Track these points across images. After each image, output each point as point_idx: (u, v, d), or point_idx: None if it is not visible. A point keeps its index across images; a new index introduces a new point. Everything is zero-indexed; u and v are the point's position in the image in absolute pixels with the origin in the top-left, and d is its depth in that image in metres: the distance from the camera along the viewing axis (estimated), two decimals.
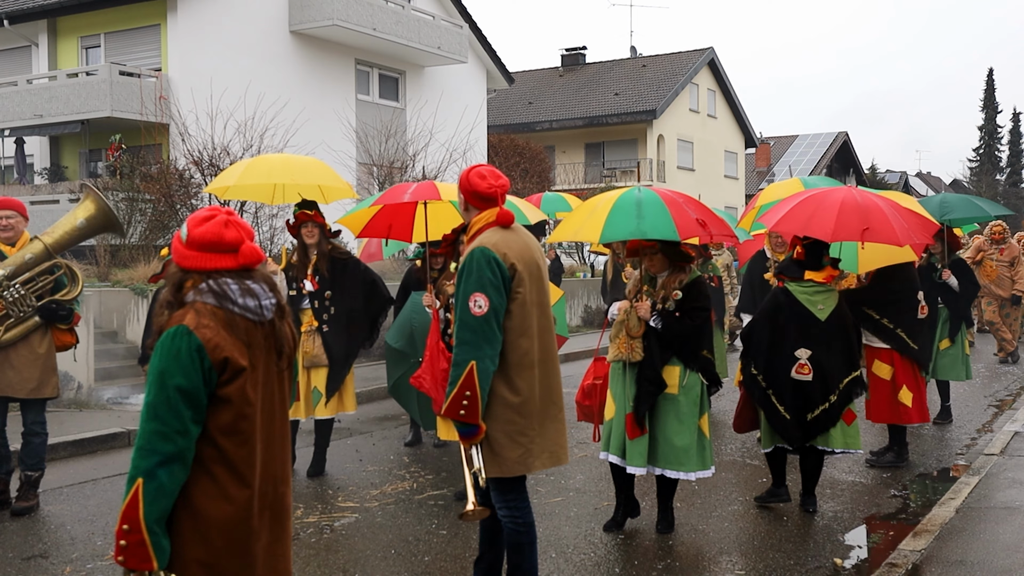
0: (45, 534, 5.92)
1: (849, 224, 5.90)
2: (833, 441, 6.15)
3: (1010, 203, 55.98)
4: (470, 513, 4.07)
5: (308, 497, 6.70)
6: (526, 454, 4.07)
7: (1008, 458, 7.48)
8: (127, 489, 2.65)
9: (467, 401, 3.93)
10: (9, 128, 20.90)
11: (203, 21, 20.51)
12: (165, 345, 2.72)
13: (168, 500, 2.67)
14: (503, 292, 3.99)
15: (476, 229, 4.18)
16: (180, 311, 2.79)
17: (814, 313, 6.09)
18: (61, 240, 6.24)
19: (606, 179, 36.91)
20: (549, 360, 4.18)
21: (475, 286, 3.95)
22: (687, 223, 5.45)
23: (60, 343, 6.40)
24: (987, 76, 75.21)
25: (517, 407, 4.05)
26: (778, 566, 5.26)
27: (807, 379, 6.03)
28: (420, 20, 24.47)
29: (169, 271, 2.95)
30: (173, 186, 15.70)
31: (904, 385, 7.28)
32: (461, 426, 4.00)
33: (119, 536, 2.66)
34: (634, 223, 5.42)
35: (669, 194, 5.73)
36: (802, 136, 51.73)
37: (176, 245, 2.88)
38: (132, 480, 2.65)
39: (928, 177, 69.39)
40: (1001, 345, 13.82)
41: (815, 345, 6.05)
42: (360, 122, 22.15)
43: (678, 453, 5.55)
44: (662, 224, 5.39)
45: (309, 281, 7.01)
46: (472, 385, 3.91)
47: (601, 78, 40.13)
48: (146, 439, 2.66)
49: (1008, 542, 5.41)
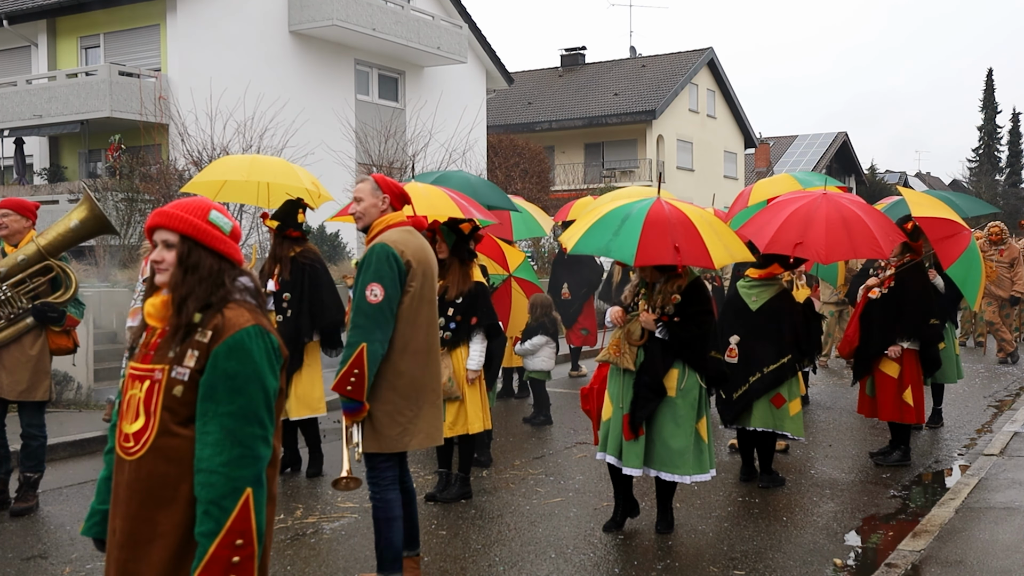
0: (45, 534, 5.92)
1: (839, 242, 6.41)
2: (754, 420, 6.77)
3: (1009, 203, 55.98)
4: (343, 482, 4.41)
5: (308, 497, 6.71)
6: (403, 433, 4.49)
7: (1007, 458, 7.48)
8: (231, 502, 2.50)
9: (354, 379, 4.30)
10: (8, 128, 20.90)
11: (203, 21, 20.51)
12: (252, 344, 2.59)
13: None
14: (398, 285, 4.40)
15: (385, 226, 4.56)
16: (233, 309, 2.65)
17: (748, 304, 6.84)
18: (54, 242, 6.18)
19: (606, 179, 36.90)
20: (432, 350, 4.61)
21: (373, 276, 4.35)
22: (654, 249, 5.28)
23: (55, 346, 6.32)
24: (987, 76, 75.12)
25: (400, 389, 4.46)
26: (778, 566, 5.27)
27: (733, 361, 6.71)
28: (420, 20, 24.47)
29: (195, 261, 2.65)
30: (173, 186, 15.69)
31: (910, 385, 7.39)
32: (347, 402, 4.38)
33: (229, 553, 2.50)
34: (607, 239, 5.44)
35: (663, 214, 5.44)
36: (802, 136, 51.75)
37: (215, 233, 2.68)
38: (238, 492, 2.51)
39: (927, 177, 69.40)
40: (1001, 345, 13.82)
41: (744, 331, 6.77)
42: (359, 122, 22.14)
43: (673, 455, 5.55)
44: (626, 247, 5.31)
45: (272, 281, 7.07)
46: (361, 365, 4.29)
47: (601, 78, 40.13)
48: (248, 445, 2.54)
49: (1007, 542, 5.41)
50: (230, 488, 2.51)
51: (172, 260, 2.67)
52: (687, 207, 5.69)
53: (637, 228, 5.34)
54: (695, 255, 5.35)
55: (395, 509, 4.58)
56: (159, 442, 2.60)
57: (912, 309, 7.33)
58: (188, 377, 2.59)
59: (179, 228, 2.67)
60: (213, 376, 2.57)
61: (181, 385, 2.59)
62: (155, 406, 2.61)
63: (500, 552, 5.50)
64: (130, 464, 2.65)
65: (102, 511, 2.83)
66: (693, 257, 5.35)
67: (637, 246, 5.25)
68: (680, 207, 5.62)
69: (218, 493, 2.51)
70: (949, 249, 7.03)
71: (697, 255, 5.36)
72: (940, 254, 7.08)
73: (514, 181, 23.86)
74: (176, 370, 2.60)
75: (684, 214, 5.52)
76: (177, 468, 2.60)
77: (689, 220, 5.49)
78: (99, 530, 2.85)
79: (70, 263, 6.49)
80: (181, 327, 2.63)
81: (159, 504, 2.60)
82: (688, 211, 5.60)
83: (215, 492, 2.51)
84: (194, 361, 2.60)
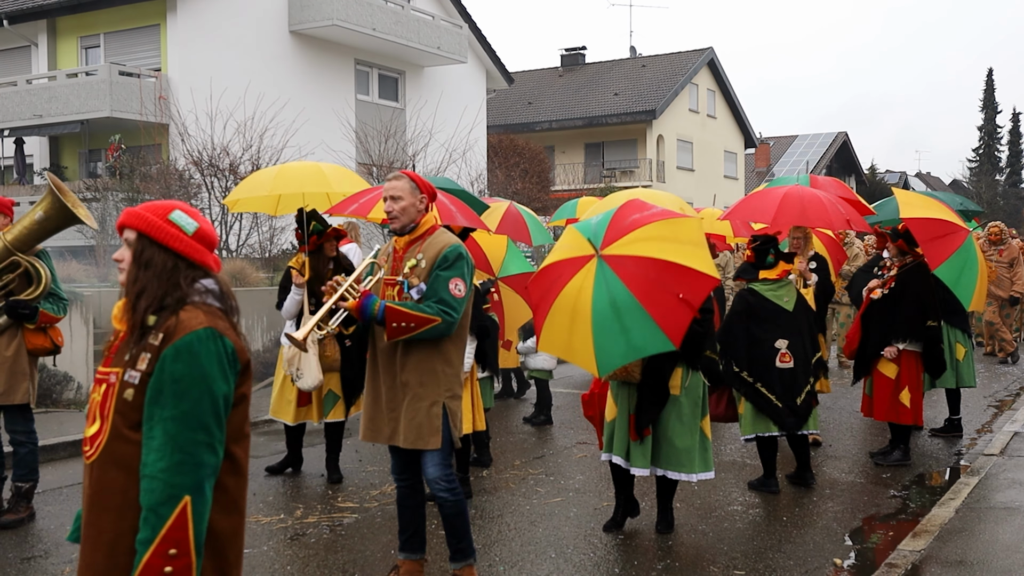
0: (45, 534, 5.91)
1: (790, 209, 7.16)
2: (811, 423, 6.70)
3: (1010, 203, 55.97)
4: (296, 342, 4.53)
5: (308, 497, 6.71)
6: (458, 428, 4.60)
7: (1008, 458, 7.48)
8: (167, 509, 2.43)
9: (407, 324, 4.39)
10: (9, 128, 20.90)
11: (203, 21, 20.51)
12: (202, 347, 2.51)
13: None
14: (471, 286, 4.57)
15: (435, 225, 4.65)
16: (188, 312, 2.57)
17: (782, 306, 6.65)
18: (20, 236, 5.87)
19: (606, 179, 36.91)
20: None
21: (456, 273, 4.45)
22: (672, 317, 4.78)
23: (32, 346, 6.07)
24: (987, 76, 75.23)
25: (457, 388, 4.60)
26: (778, 566, 5.26)
27: (789, 366, 6.56)
28: (420, 20, 24.48)
29: (148, 257, 2.60)
30: (173, 186, 15.70)
31: (907, 386, 7.39)
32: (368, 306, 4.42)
33: (162, 563, 2.42)
34: (624, 343, 4.82)
35: (639, 279, 4.83)
36: (802, 136, 51.77)
37: (172, 231, 2.62)
38: (175, 499, 2.43)
39: (928, 177, 69.39)
40: (1001, 346, 13.82)
41: (790, 334, 6.61)
42: (360, 122, 22.15)
43: (680, 455, 5.56)
44: (650, 338, 4.77)
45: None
46: (420, 323, 4.40)
47: (601, 78, 40.14)
48: (190, 451, 2.45)
49: (1008, 542, 5.41)
50: (167, 495, 2.43)
51: (130, 258, 2.62)
52: (639, 245, 4.93)
53: (640, 314, 4.76)
54: (693, 286, 4.84)
55: (465, 501, 4.70)
56: (110, 447, 2.54)
57: (910, 310, 7.32)
58: (139, 380, 2.52)
59: (136, 225, 2.61)
60: (159, 379, 2.49)
61: (132, 389, 2.53)
62: (108, 410, 2.55)
63: (500, 552, 5.50)
64: (87, 468, 2.63)
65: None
66: (694, 288, 4.83)
67: (659, 328, 4.72)
68: (632, 251, 4.91)
69: (156, 500, 2.44)
70: (937, 249, 6.97)
71: (694, 284, 4.84)
72: (928, 255, 7.05)
73: (514, 181, 23.86)
74: (129, 373, 2.54)
75: (647, 259, 4.87)
76: (125, 473, 2.53)
77: (660, 260, 4.86)
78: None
79: (49, 259, 6.18)
80: (136, 327, 2.56)
81: (104, 509, 2.56)
82: (645, 250, 4.91)
83: (153, 499, 2.44)
84: (145, 364, 2.52)
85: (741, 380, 6.61)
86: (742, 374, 6.60)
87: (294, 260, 6.95)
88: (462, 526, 4.67)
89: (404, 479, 4.75)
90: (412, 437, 4.45)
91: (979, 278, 7.14)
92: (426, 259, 4.47)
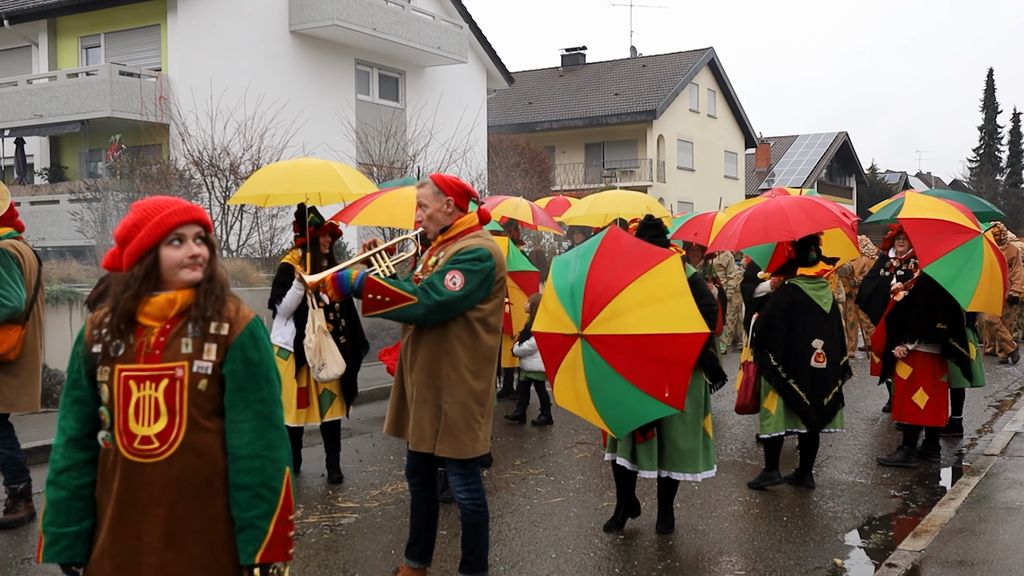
0: None
1: (754, 231, 6.71)
2: (836, 422, 6.79)
3: (1010, 203, 55.95)
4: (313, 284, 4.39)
5: (308, 497, 6.71)
6: (486, 436, 4.47)
7: (1008, 458, 7.48)
8: (279, 482, 2.66)
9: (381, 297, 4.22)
10: (9, 128, 20.90)
11: (203, 21, 20.51)
12: (263, 333, 2.76)
13: None
14: (481, 289, 4.32)
15: (467, 229, 4.47)
16: (234, 301, 2.77)
17: (821, 306, 6.67)
18: None
19: (606, 179, 36.90)
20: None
21: (460, 268, 4.28)
22: (652, 382, 4.73)
23: None
24: (987, 76, 75.16)
25: (478, 395, 4.39)
26: (778, 566, 5.26)
27: (823, 367, 6.62)
28: (420, 20, 24.48)
29: (216, 267, 2.77)
30: (173, 186, 15.69)
31: (921, 387, 7.39)
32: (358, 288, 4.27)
33: (284, 530, 2.66)
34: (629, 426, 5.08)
35: (619, 359, 4.74)
36: (802, 136, 51.72)
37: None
38: (281, 472, 2.67)
39: (928, 177, 69.37)
40: (1001, 346, 13.82)
41: (825, 335, 6.65)
42: (360, 122, 22.15)
43: (684, 455, 5.57)
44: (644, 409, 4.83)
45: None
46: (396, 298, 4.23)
47: (601, 78, 40.13)
48: (280, 427, 2.72)
49: (1008, 542, 5.41)
50: (276, 469, 2.66)
51: (207, 254, 2.74)
52: (618, 321, 4.75)
53: (634, 392, 4.70)
54: (683, 351, 4.66)
55: (486, 514, 4.59)
56: (190, 438, 2.64)
57: (920, 311, 7.32)
58: (211, 370, 2.66)
59: (207, 222, 2.77)
60: (242, 366, 2.68)
61: (205, 379, 2.66)
62: (181, 403, 2.64)
63: (500, 552, 5.50)
64: (154, 466, 2.62)
65: (73, 532, 2.68)
66: (684, 352, 4.65)
67: (656, 400, 4.70)
68: (612, 330, 4.76)
69: (267, 476, 2.65)
70: (929, 247, 6.83)
71: (683, 348, 4.66)
72: (919, 253, 6.95)
73: (514, 181, 23.85)
74: (197, 364, 2.65)
75: (628, 337, 4.70)
76: (208, 461, 2.66)
77: (642, 336, 4.69)
78: (72, 553, 2.69)
79: (20, 261, 5.81)
80: (199, 319, 2.67)
81: (198, 496, 2.66)
82: (625, 326, 4.71)
83: (264, 475, 2.65)
84: (214, 354, 2.66)
85: (775, 373, 6.64)
86: (778, 368, 6.63)
87: (289, 257, 7.00)
88: (474, 537, 4.54)
89: (414, 481, 4.66)
90: (415, 439, 4.43)
91: (989, 280, 6.90)
92: (445, 256, 4.39)
